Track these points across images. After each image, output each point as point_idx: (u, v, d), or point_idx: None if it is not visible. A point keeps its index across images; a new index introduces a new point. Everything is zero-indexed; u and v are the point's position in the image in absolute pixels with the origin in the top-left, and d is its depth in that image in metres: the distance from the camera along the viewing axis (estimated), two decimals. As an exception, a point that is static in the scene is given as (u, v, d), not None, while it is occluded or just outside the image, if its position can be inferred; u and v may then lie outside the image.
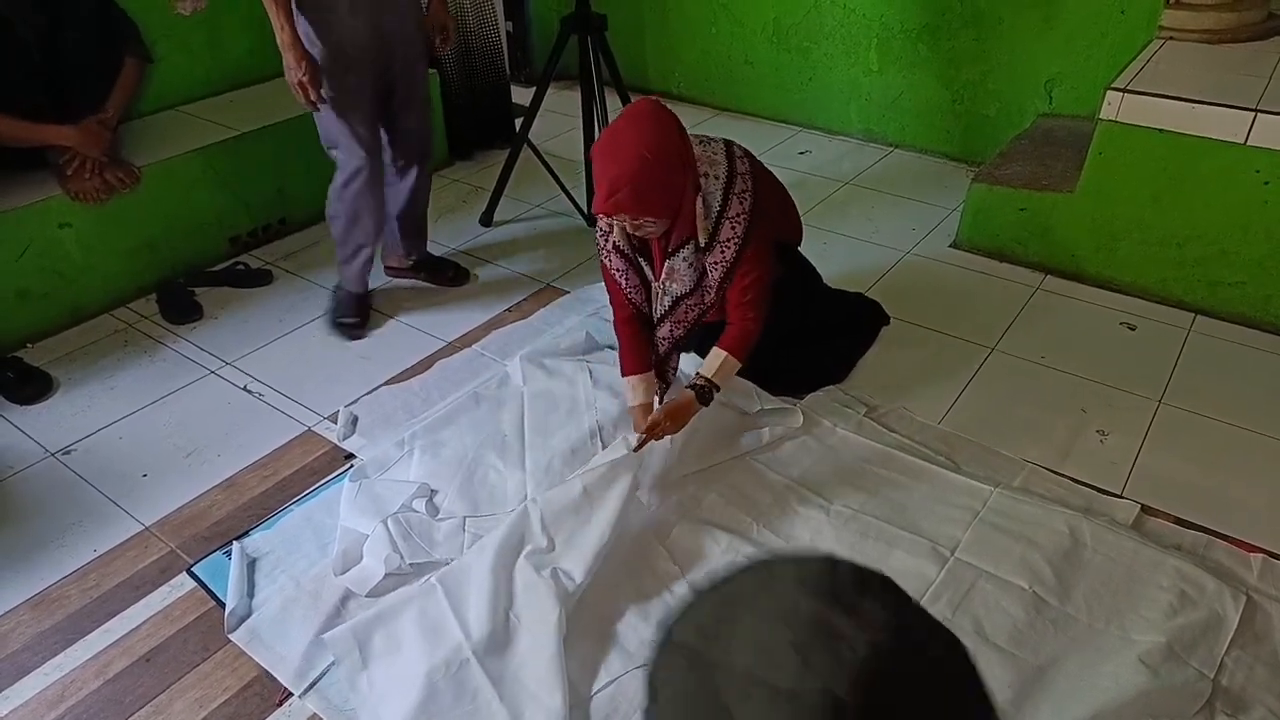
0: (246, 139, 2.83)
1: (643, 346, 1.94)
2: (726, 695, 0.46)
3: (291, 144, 2.94)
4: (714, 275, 1.84)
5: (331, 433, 2.11)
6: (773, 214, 1.94)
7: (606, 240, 1.90)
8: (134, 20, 2.64)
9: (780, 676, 0.44)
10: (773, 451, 1.98)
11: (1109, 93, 2.39)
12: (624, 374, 1.93)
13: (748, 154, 1.90)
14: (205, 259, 2.81)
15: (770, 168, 2.18)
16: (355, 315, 2.50)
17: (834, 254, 2.80)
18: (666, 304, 1.90)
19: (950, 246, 2.87)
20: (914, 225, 3.00)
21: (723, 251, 1.81)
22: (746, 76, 3.88)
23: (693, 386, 1.83)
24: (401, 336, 2.48)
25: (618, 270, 1.92)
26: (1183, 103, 2.30)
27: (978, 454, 1.99)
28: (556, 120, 3.68)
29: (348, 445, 2.07)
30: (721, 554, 1.72)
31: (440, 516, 1.82)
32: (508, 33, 4.27)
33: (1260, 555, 1.72)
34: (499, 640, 1.53)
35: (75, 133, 2.43)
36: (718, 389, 1.84)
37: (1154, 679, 1.45)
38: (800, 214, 2.22)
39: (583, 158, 2.84)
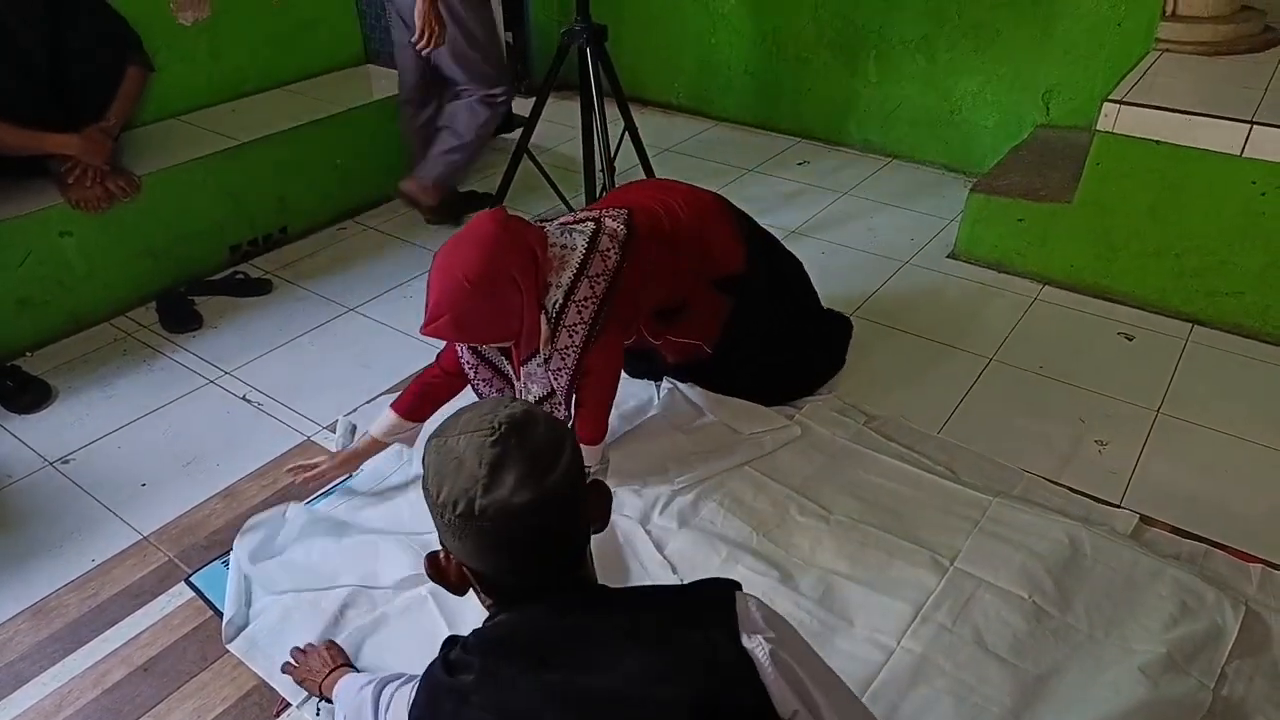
0: (247, 148, 2.84)
1: (430, 402, 1.88)
2: (450, 448, 0.92)
3: (292, 154, 2.95)
4: (559, 384, 1.76)
5: (330, 442, 2.11)
6: (649, 288, 1.82)
7: (463, 347, 1.82)
8: (135, 29, 2.65)
9: (472, 427, 0.93)
10: (772, 460, 1.98)
11: (1106, 104, 2.40)
12: (393, 405, 1.86)
13: (629, 222, 1.77)
14: (205, 268, 2.81)
15: (768, 177, 2.18)
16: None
17: (833, 264, 2.81)
18: (541, 392, 1.82)
19: (948, 257, 2.88)
20: (912, 235, 3.01)
21: (563, 360, 1.73)
22: (746, 87, 3.89)
23: None
24: (398, 345, 2.48)
25: (468, 364, 1.83)
26: (1179, 114, 2.31)
27: (977, 463, 2.00)
28: (556, 130, 3.69)
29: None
30: (721, 563, 1.71)
31: (425, 533, 1.81)
32: (507, 43, 4.29)
33: (1259, 565, 1.72)
34: None
35: (77, 141, 2.44)
36: (587, 469, 1.84)
37: (1154, 689, 1.45)
38: (794, 228, 2.20)
39: (582, 169, 2.85)
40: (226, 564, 1.77)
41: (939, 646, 1.55)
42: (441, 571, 0.99)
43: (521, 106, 3.46)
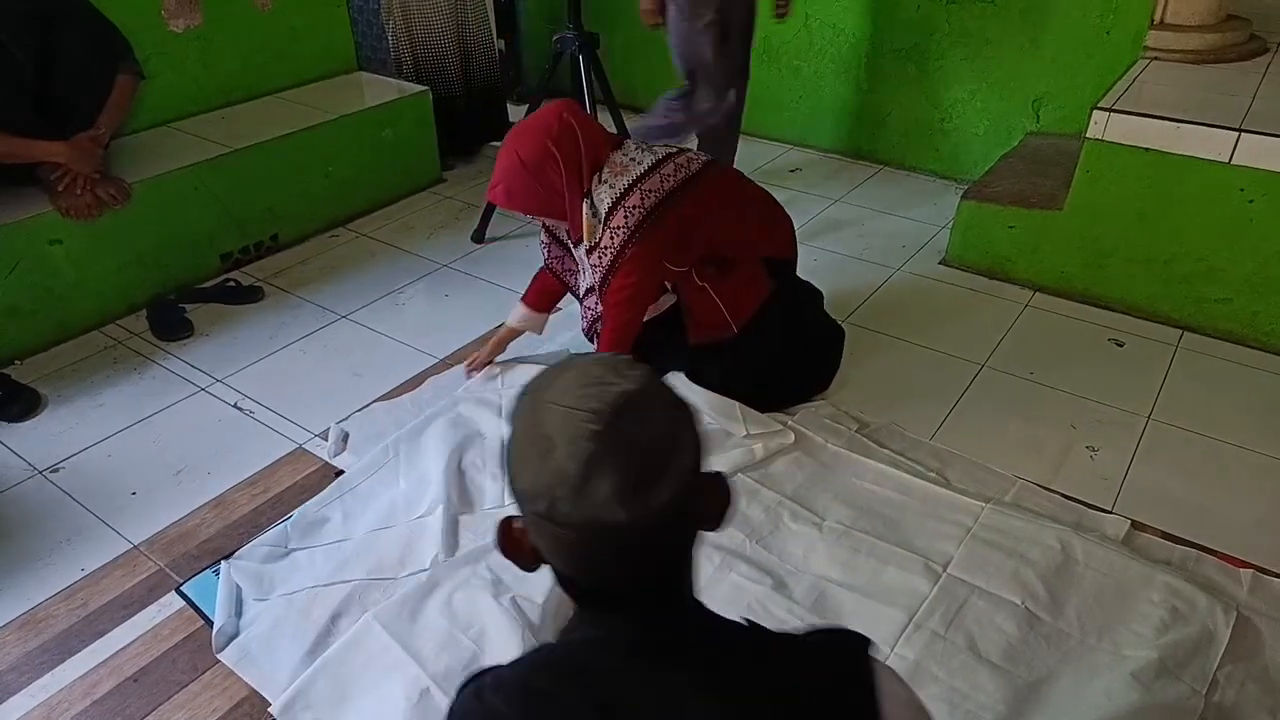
0: (238, 156, 2.83)
1: (548, 296, 2.22)
2: (543, 421, 0.75)
3: (284, 161, 2.95)
4: (596, 277, 1.97)
5: (322, 449, 2.10)
6: (702, 228, 2.00)
7: (542, 229, 2.14)
8: (126, 37, 2.65)
9: (572, 400, 0.74)
10: (765, 468, 1.98)
11: (1095, 112, 2.42)
12: (522, 299, 2.22)
13: (703, 169, 1.99)
14: (196, 276, 2.80)
15: (762, 185, 2.20)
16: None
17: (825, 271, 2.81)
18: (585, 286, 2.10)
19: (940, 264, 2.89)
20: (904, 242, 3.02)
21: (600, 257, 1.94)
22: (737, 95, 3.90)
23: None
24: (393, 353, 2.48)
25: (543, 244, 2.18)
26: (1168, 122, 2.33)
27: (969, 470, 2.00)
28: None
29: (338, 462, 2.06)
30: (715, 571, 1.71)
31: (422, 515, 1.84)
32: (500, 51, 4.30)
33: (1250, 570, 1.73)
34: (460, 666, 1.52)
35: (67, 149, 2.43)
36: None
37: (1146, 695, 1.45)
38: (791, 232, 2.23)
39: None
40: (217, 573, 1.76)
41: (932, 653, 1.55)
42: (514, 544, 0.82)
43: (515, 114, 3.46)
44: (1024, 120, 3.27)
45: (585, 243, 1.96)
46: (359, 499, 1.93)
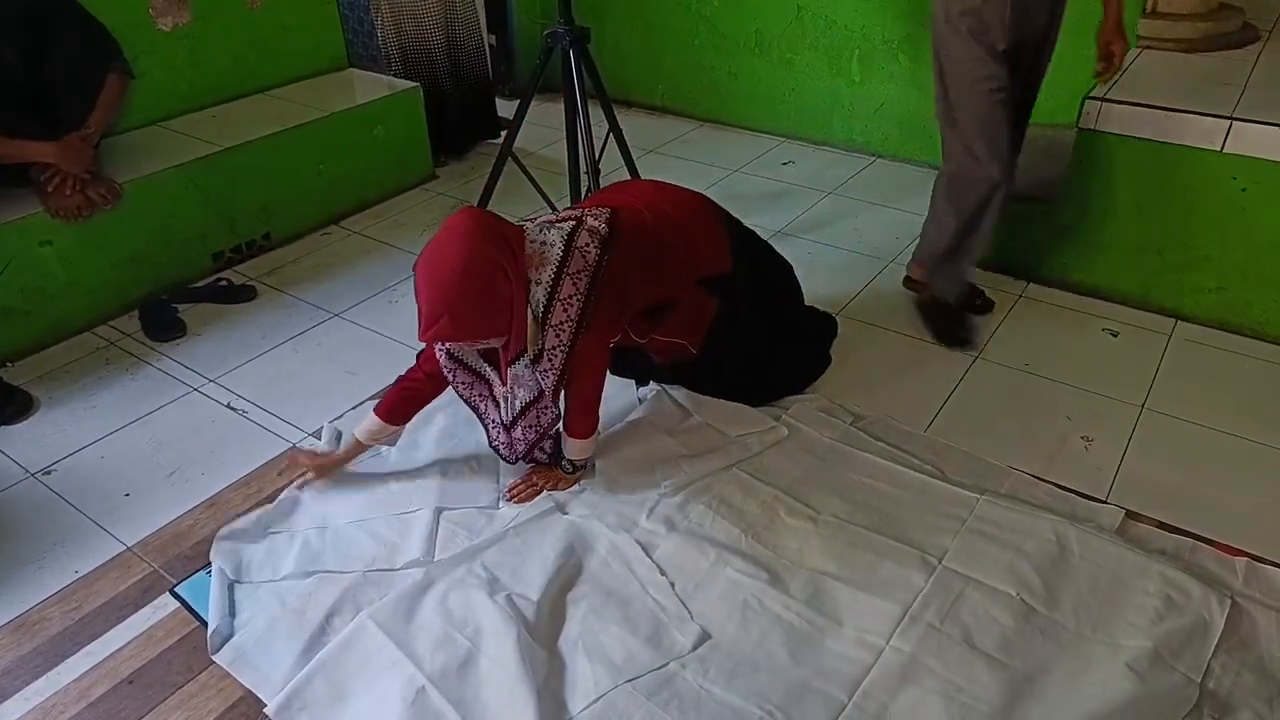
0: (229, 154, 2.82)
1: (409, 404, 1.92)
2: None
3: (275, 159, 2.94)
4: (547, 384, 1.76)
5: (317, 449, 2.10)
6: (634, 286, 1.82)
7: (441, 350, 1.82)
8: (115, 36, 2.63)
9: None
10: (760, 462, 1.98)
11: (1088, 102, 2.42)
12: (376, 409, 1.89)
13: (611, 221, 1.76)
14: (188, 275, 2.79)
15: (753, 178, 2.18)
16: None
17: (819, 264, 2.81)
18: (516, 408, 1.83)
19: (934, 255, 2.88)
20: (898, 234, 3.01)
21: (550, 360, 1.73)
22: (730, 88, 3.89)
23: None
24: (384, 351, 2.47)
25: (447, 369, 1.82)
26: (1160, 111, 2.32)
27: (964, 462, 2.00)
28: (542, 133, 3.68)
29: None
30: (710, 566, 1.71)
31: (412, 509, 1.86)
32: (491, 46, 4.28)
33: (1244, 559, 1.73)
34: (456, 664, 1.52)
35: (56, 149, 2.41)
36: (578, 463, 1.91)
37: (1141, 685, 1.45)
38: (779, 228, 2.22)
39: (567, 171, 2.84)
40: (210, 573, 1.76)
41: (928, 646, 1.55)
42: None
43: (506, 109, 3.45)
44: (1017, 111, 3.26)
45: (528, 353, 1.73)
46: (337, 485, 1.95)
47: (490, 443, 1.93)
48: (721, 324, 2.02)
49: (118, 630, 1.67)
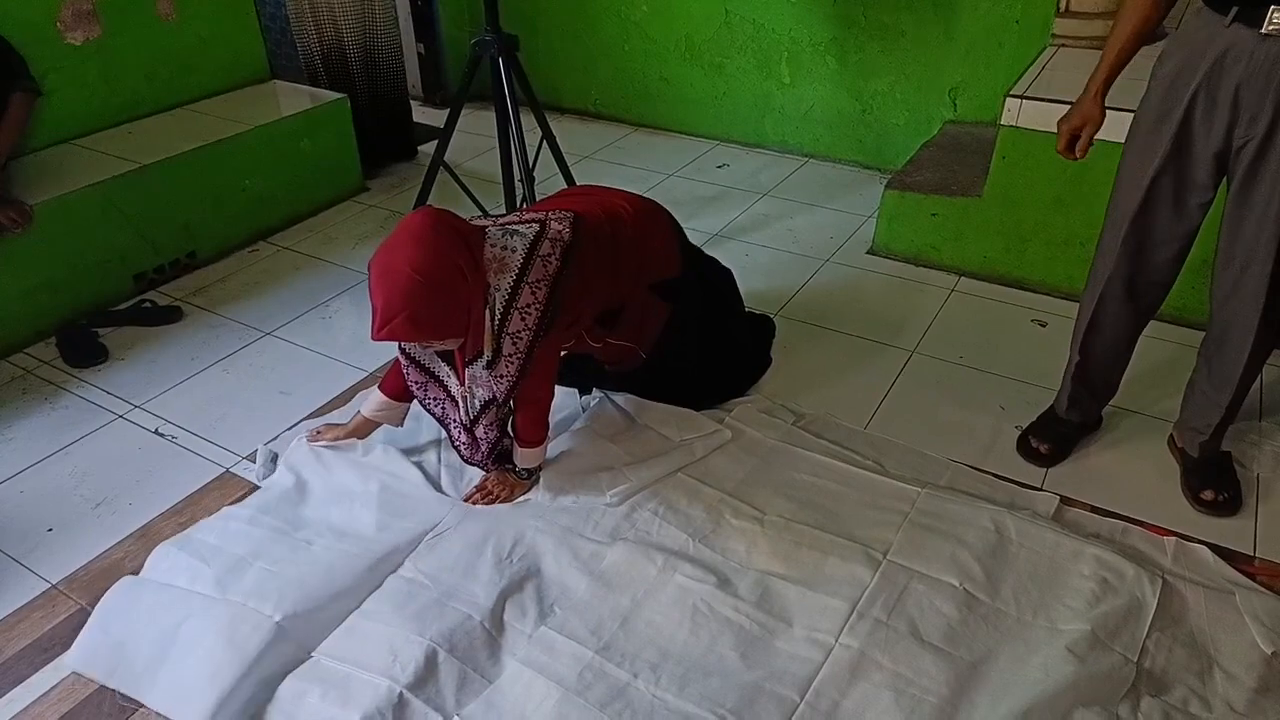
0: (147, 171, 2.72)
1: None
2: None
3: (196, 175, 2.85)
4: (499, 390, 1.74)
5: (251, 472, 2.03)
6: (591, 294, 1.82)
7: (400, 351, 1.83)
8: (20, 53, 2.52)
9: None
10: (705, 465, 1.98)
11: (1008, 99, 2.48)
12: (380, 385, 1.94)
13: (574, 227, 1.74)
14: (109, 298, 2.69)
15: (689, 181, 2.19)
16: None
17: (755, 265, 2.84)
18: (476, 407, 1.82)
19: (868, 253, 2.93)
20: (832, 234, 3.06)
21: (507, 366, 1.71)
22: (662, 93, 3.91)
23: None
24: (319, 368, 2.41)
25: (415, 384, 1.85)
26: (1077, 107, 2.38)
27: (904, 456, 2.03)
28: (474, 141, 3.65)
29: (268, 485, 1.99)
30: (658, 573, 1.70)
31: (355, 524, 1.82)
32: (420, 54, 4.22)
33: (1173, 538, 1.79)
34: (428, 671, 1.51)
35: (-41, 172, 2.31)
36: (531, 471, 1.91)
37: (1082, 667, 1.49)
38: (716, 231, 2.23)
39: (500, 179, 2.82)
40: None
41: (876, 641, 1.57)
42: None
43: (436, 118, 3.40)
44: (942, 110, 3.34)
45: (485, 355, 1.70)
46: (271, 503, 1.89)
47: (453, 443, 1.92)
48: (672, 328, 2.03)
49: (44, 673, 1.59)
